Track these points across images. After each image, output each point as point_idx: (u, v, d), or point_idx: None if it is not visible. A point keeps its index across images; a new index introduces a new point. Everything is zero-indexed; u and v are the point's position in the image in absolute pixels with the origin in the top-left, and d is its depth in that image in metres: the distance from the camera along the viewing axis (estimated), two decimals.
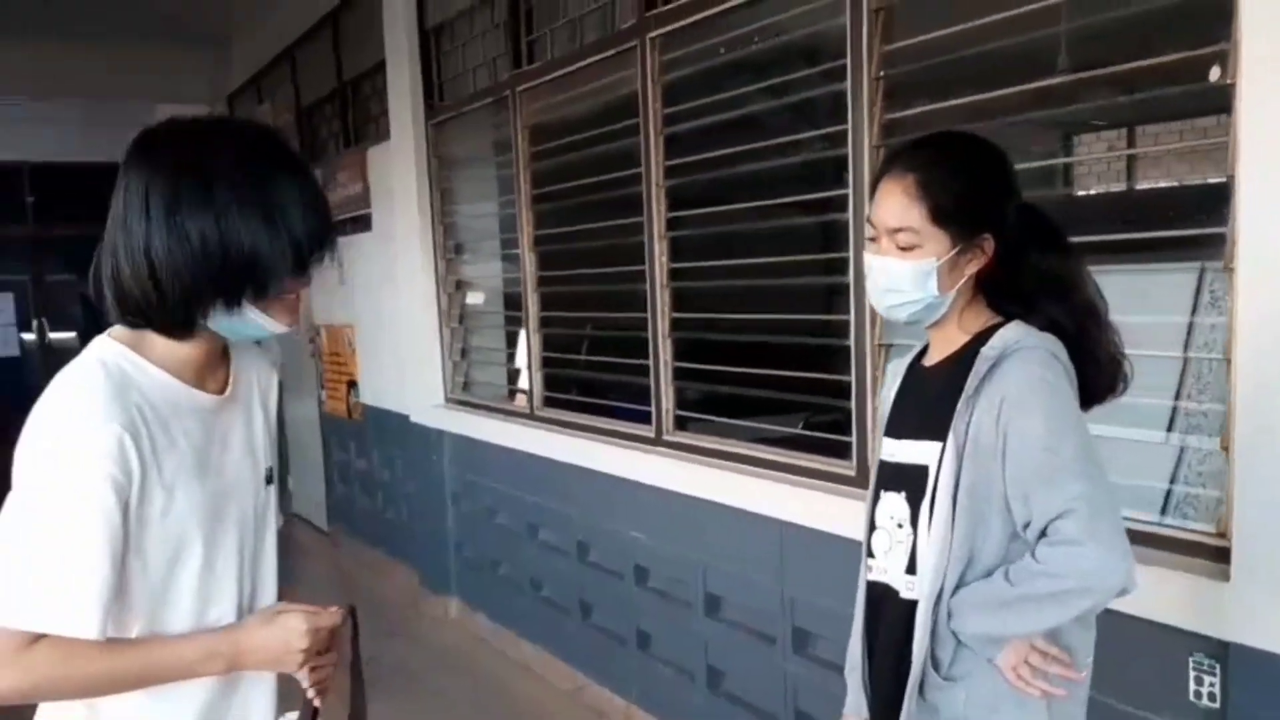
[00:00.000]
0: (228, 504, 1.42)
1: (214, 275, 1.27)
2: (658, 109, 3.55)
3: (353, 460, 6.70)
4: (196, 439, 1.37)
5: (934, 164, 1.64)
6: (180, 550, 1.35)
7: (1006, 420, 1.55)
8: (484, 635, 5.09)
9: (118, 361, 1.31)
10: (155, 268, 1.26)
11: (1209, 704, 2.05)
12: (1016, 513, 1.57)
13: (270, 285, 1.30)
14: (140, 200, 1.26)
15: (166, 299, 1.27)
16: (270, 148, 1.33)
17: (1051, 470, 1.52)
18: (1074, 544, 1.50)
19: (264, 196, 1.27)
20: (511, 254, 4.77)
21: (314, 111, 6.94)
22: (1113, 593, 1.53)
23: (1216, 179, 2.02)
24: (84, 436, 1.25)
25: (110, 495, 1.25)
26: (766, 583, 3.23)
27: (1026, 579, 1.54)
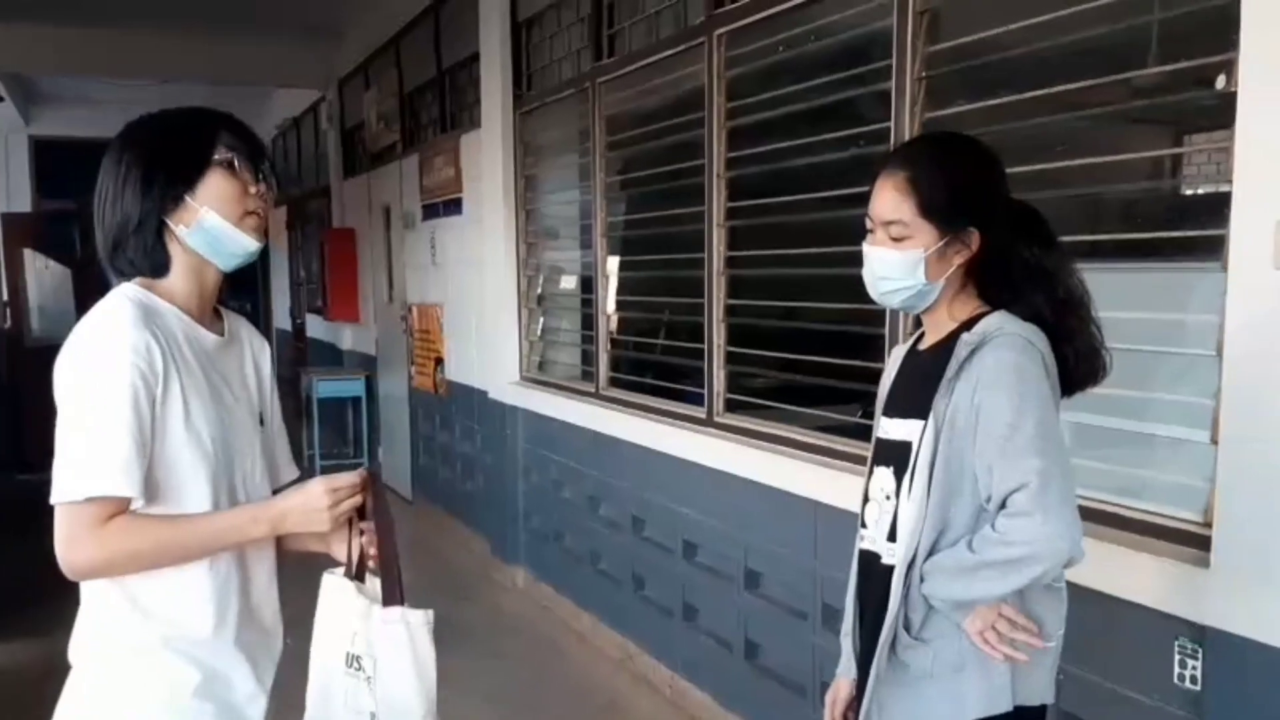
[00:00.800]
0: (233, 431, 1.61)
1: (148, 196, 1.55)
2: (722, 103, 3.71)
3: (437, 433, 7.00)
4: (206, 368, 1.59)
5: (925, 162, 1.78)
6: (198, 459, 1.54)
7: (979, 400, 1.67)
8: (547, 604, 5.31)
9: (136, 294, 1.54)
10: (106, 218, 1.57)
11: (1191, 686, 2.14)
12: (981, 485, 1.68)
13: (184, 180, 1.56)
14: (116, 169, 1.57)
15: (133, 227, 1.56)
16: (204, 114, 1.64)
17: (1011, 446, 1.63)
18: (1026, 515, 1.61)
19: (188, 136, 1.59)
20: (586, 239, 4.97)
21: (415, 97, 7.24)
22: (1060, 561, 1.63)
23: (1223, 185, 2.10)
24: (114, 339, 1.46)
25: (139, 381, 1.45)
26: (801, 560, 3.37)
27: (985, 547, 1.66)
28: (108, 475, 1.44)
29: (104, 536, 1.45)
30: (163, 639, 1.55)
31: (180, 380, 1.51)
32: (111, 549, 1.47)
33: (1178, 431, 2.26)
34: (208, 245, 1.59)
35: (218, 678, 1.58)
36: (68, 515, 1.45)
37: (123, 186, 1.55)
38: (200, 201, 1.56)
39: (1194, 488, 2.20)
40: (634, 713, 4.11)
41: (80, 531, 1.45)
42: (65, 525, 1.46)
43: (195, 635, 1.57)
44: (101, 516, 1.45)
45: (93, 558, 1.47)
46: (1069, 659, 1.82)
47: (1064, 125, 2.55)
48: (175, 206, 1.56)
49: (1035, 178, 2.47)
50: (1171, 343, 2.31)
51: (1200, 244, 2.22)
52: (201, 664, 1.57)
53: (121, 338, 1.46)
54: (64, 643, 1.61)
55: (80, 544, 1.45)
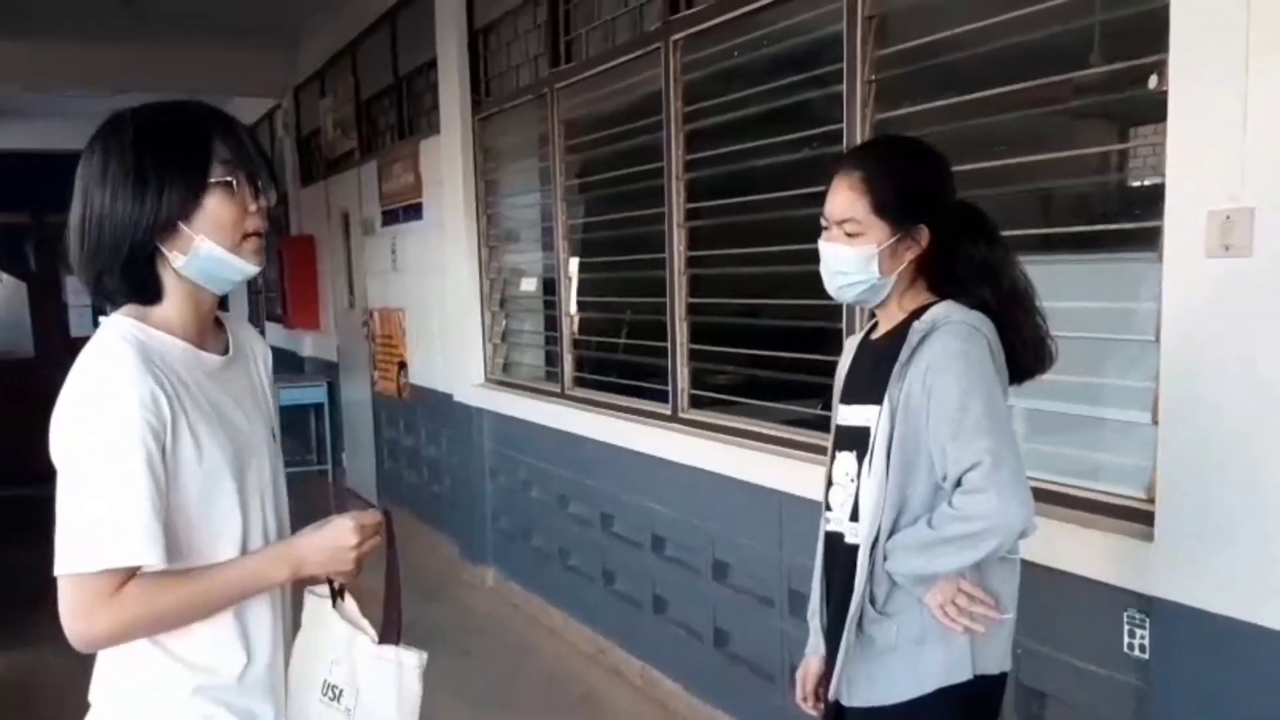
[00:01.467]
0: (248, 455, 1.51)
1: (143, 228, 1.41)
2: (679, 106, 3.80)
3: (401, 437, 7.03)
4: (212, 394, 1.47)
5: (877, 163, 1.88)
6: (215, 496, 1.45)
7: (930, 384, 1.77)
8: (516, 602, 5.38)
9: (131, 332, 1.42)
10: (84, 234, 1.44)
11: (1140, 655, 2.26)
12: (937, 465, 1.78)
13: (182, 212, 1.42)
14: (101, 185, 1.43)
15: (123, 257, 1.43)
16: (171, 106, 1.48)
17: (962, 428, 1.73)
18: (980, 492, 1.72)
19: (153, 142, 1.42)
20: (548, 242, 5.05)
21: (372, 104, 7.27)
22: (1014, 533, 1.74)
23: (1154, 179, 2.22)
24: (118, 393, 1.35)
25: (149, 437, 1.35)
26: (767, 550, 3.47)
27: (943, 523, 1.76)
28: (128, 543, 1.35)
29: (121, 604, 1.36)
30: (194, 687, 1.47)
31: (187, 418, 1.41)
32: (130, 615, 1.38)
33: (1122, 414, 2.38)
34: (204, 274, 1.47)
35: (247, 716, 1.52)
36: (77, 586, 1.35)
37: (110, 204, 1.41)
38: (196, 230, 1.43)
39: (1138, 467, 2.32)
40: (607, 705, 4.19)
41: (93, 602, 1.35)
42: (75, 596, 1.36)
43: (226, 680, 1.49)
44: (115, 584, 1.35)
45: (109, 628, 1.38)
46: (1025, 634, 1.93)
47: (1008, 124, 2.66)
48: (170, 235, 1.43)
49: (982, 175, 2.59)
50: (1115, 331, 2.43)
51: (1139, 235, 2.34)
52: (232, 708, 1.50)
53: (126, 391, 1.36)
54: (28, 656, 1.58)
55: (94, 615, 1.36)
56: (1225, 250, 2.00)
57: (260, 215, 1.48)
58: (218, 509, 1.46)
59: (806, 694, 2.11)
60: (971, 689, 1.80)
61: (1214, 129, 2.02)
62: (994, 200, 2.62)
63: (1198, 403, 2.09)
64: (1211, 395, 2.06)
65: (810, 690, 2.11)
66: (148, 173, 1.41)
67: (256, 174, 1.47)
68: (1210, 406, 2.06)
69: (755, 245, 3.52)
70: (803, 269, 3.44)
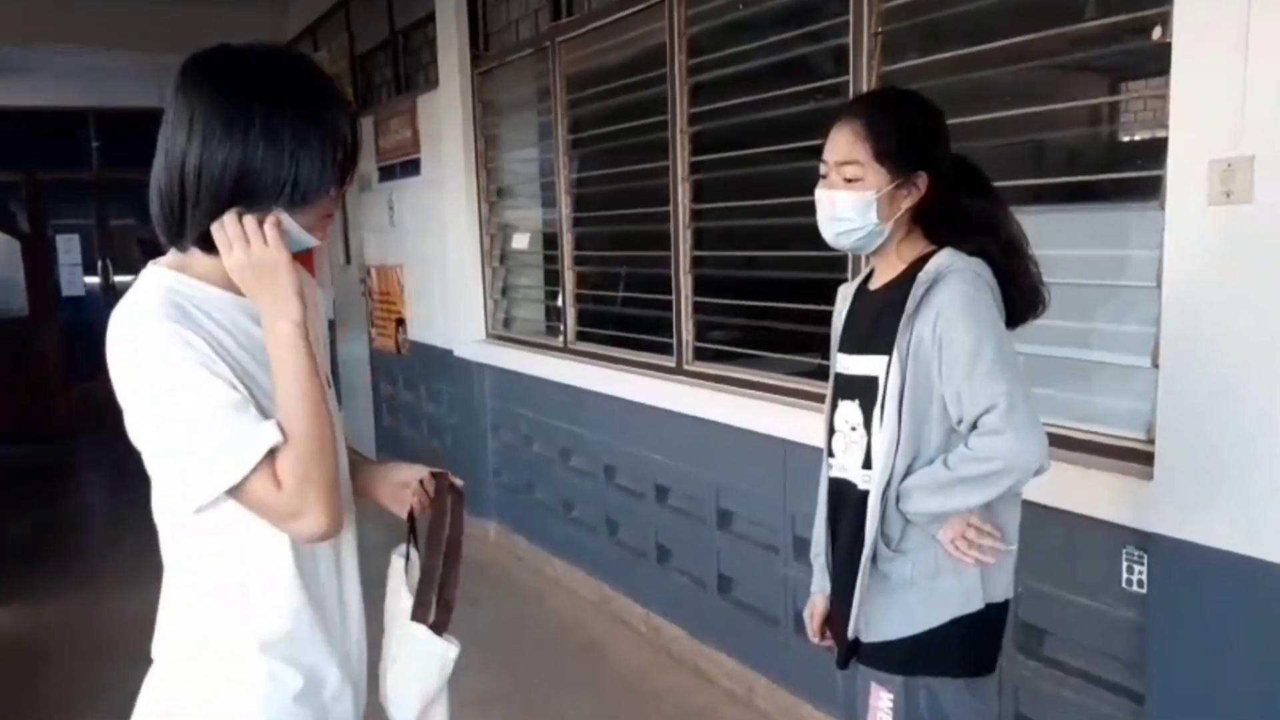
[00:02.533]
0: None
1: (239, 196, 1.36)
2: (683, 60, 3.83)
3: (400, 393, 7.08)
4: (259, 340, 1.42)
5: (878, 110, 1.94)
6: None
7: (940, 331, 1.82)
8: (520, 555, 5.47)
9: (169, 284, 1.40)
10: (185, 185, 1.36)
11: (1138, 590, 2.35)
12: (951, 409, 1.84)
13: (290, 202, 1.38)
14: (185, 123, 1.36)
15: (191, 208, 1.37)
16: (303, 77, 1.41)
17: (976, 372, 1.79)
18: (997, 433, 1.78)
19: (285, 124, 1.35)
20: (549, 197, 5.08)
21: (367, 59, 7.24)
22: (1030, 471, 1.81)
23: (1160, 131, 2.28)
24: (153, 330, 1.34)
25: (204, 358, 1.33)
26: (771, 497, 3.55)
27: (960, 464, 1.82)
28: (248, 439, 1.33)
29: (293, 477, 1.35)
30: (259, 641, 1.45)
31: (231, 358, 1.38)
32: (306, 474, 1.35)
33: (1123, 359, 2.45)
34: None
35: (314, 679, 1.50)
36: (269, 475, 1.34)
37: (234, 154, 1.34)
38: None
39: (1138, 409, 2.40)
40: (612, 651, 4.28)
41: (272, 498, 1.34)
42: (270, 496, 1.34)
43: (292, 635, 1.47)
44: (270, 473, 1.34)
45: (315, 499, 1.35)
46: (1025, 572, 2.01)
47: (1012, 77, 2.71)
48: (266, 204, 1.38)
49: (986, 126, 2.64)
50: (1117, 278, 2.50)
51: (1140, 185, 2.40)
52: (299, 665, 1.48)
53: (157, 327, 1.34)
54: (30, 612, 1.54)
55: (300, 506, 1.35)
56: (1226, 197, 2.06)
57: (335, 201, 1.45)
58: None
59: (814, 630, 2.19)
60: (982, 616, 1.89)
61: (1216, 79, 2.07)
62: (998, 152, 2.69)
63: (1197, 346, 2.16)
64: (1211, 338, 2.13)
65: (817, 627, 2.19)
66: (284, 145, 1.35)
67: (351, 166, 1.44)
68: (1210, 349, 2.13)
69: (760, 198, 3.56)
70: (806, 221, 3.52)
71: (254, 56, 1.40)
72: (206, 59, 1.40)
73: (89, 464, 8.24)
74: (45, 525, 6.41)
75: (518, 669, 4.11)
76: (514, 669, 4.11)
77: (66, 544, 5.82)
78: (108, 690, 3.77)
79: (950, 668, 1.91)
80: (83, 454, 8.40)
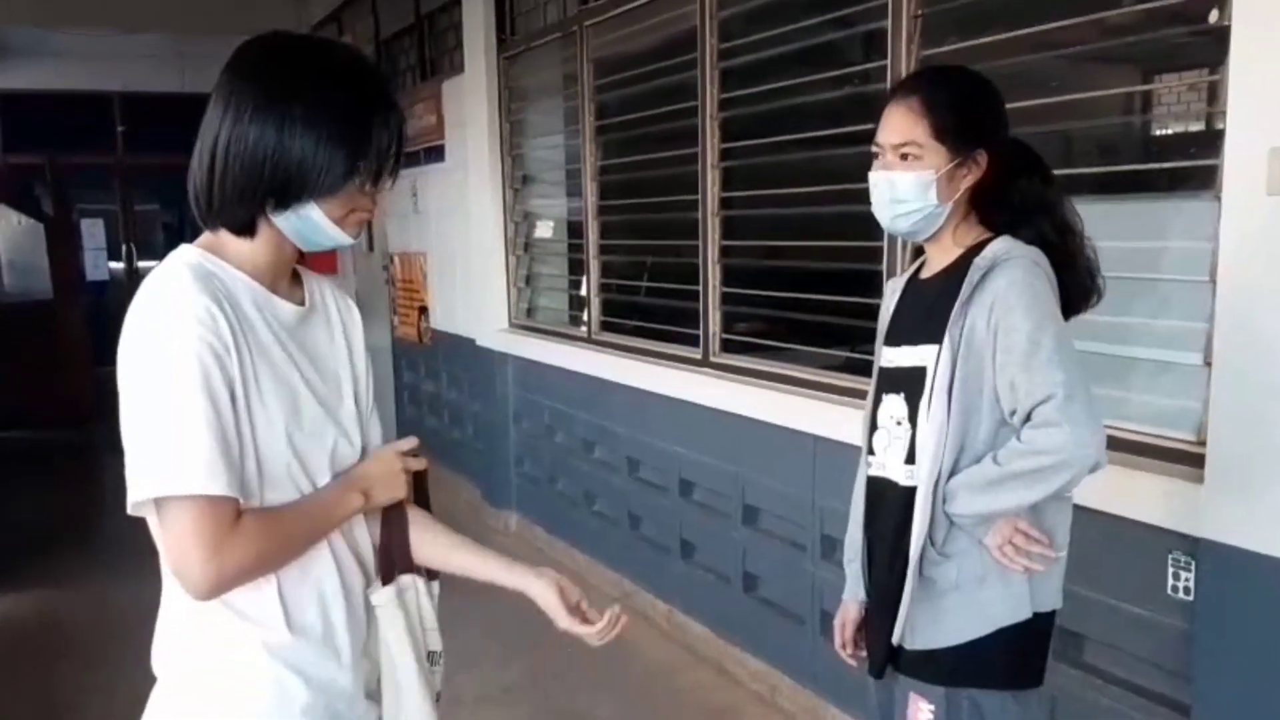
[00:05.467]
0: (310, 412, 1.43)
1: (264, 177, 1.33)
2: (714, 44, 3.75)
3: (422, 382, 7.04)
4: (285, 340, 1.40)
5: (934, 87, 1.85)
6: (272, 441, 1.36)
7: (996, 320, 1.73)
8: (540, 546, 5.41)
9: (198, 261, 1.36)
10: (215, 161, 1.34)
11: (1184, 597, 2.25)
12: (1004, 400, 1.75)
13: (313, 191, 1.34)
14: (224, 101, 1.34)
15: (219, 186, 1.35)
16: (351, 71, 1.38)
17: (1034, 361, 1.70)
18: (1052, 425, 1.69)
19: (322, 115, 1.33)
20: (574, 185, 5.00)
21: (392, 44, 7.19)
22: (1087, 467, 1.71)
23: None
24: (175, 309, 1.28)
25: (209, 357, 1.27)
26: (799, 494, 3.47)
27: (1012, 459, 1.73)
28: (190, 473, 1.26)
29: (246, 535, 1.29)
30: (265, 646, 1.38)
31: (251, 355, 1.34)
32: (259, 545, 1.31)
33: (1173, 355, 2.35)
34: (297, 232, 1.40)
35: (322, 687, 1.44)
36: (199, 514, 1.26)
37: (271, 141, 1.32)
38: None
39: (1188, 409, 2.30)
40: (633, 647, 4.21)
41: (218, 536, 1.27)
42: (200, 526, 1.26)
43: (297, 640, 1.41)
44: (233, 518, 1.28)
45: (241, 560, 1.30)
46: (1067, 577, 1.91)
47: (1053, 62, 2.61)
48: (282, 205, 1.36)
49: (1028, 113, 2.54)
50: (1166, 271, 2.39)
51: (1191, 175, 2.30)
52: (305, 674, 1.41)
53: (181, 309, 1.29)
54: (51, 598, 1.47)
55: (227, 548, 1.28)
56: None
57: (373, 198, 1.42)
58: (272, 456, 1.37)
59: (845, 640, 2.09)
60: (1030, 626, 1.80)
61: (1276, 64, 1.98)
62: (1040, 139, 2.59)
63: (1252, 343, 2.06)
64: (1269, 335, 2.03)
65: (849, 637, 2.09)
66: (319, 138, 1.32)
67: (393, 166, 1.41)
68: (1265, 347, 2.03)
69: (791, 186, 3.48)
70: (838, 210, 3.45)
71: (305, 46, 1.40)
72: (260, 42, 1.39)
73: (111, 447, 8.19)
74: (66, 509, 6.40)
75: (539, 662, 4.04)
76: (535, 662, 4.04)
77: (87, 528, 5.79)
78: (123, 678, 3.75)
79: (995, 679, 1.82)
80: (105, 438, 8.39)
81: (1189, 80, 2.62)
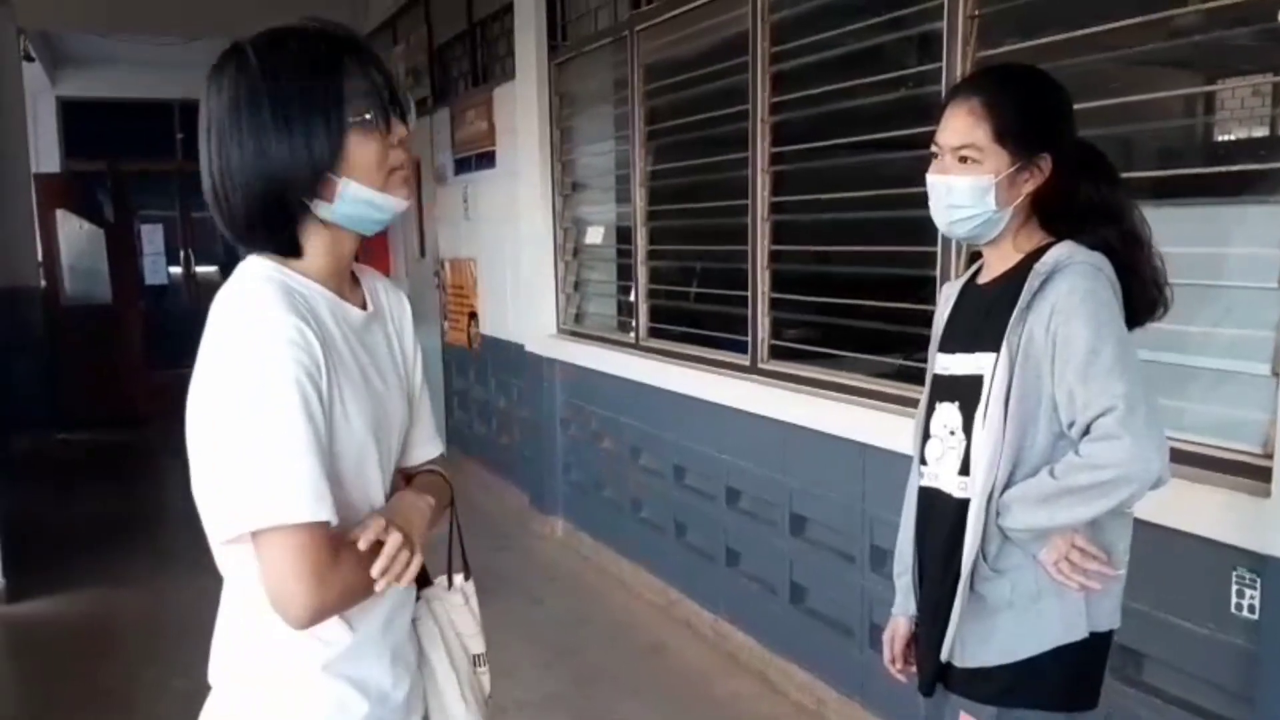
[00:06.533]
0: (384, 419, 1.42)
1: (254, 185, 1.30)
2: (766, 47, 3.71)
3: (471, 388, 7.05)
4: (355, 347, 1.38)
5: (997, 88, 1.78)
6: (363, 458, 1.36)
7: (1055, 328, 1.67)
8: (586, 553, 5.39)
9: (272, 274, 1.32)
10: (215, 184, 1.31)
11: (1248, 615, 2.17)
12: (1063, 411, 1.68)
13: (320, 164, 1.30)
14: (205, 128, 1.32)
15: (232, 210, 1.32)
16: (305, 36, 1.34)
17: (1094, 371, 1.63)
18: (1114, 438, 1.62)
19: (291, 107, 1.29)
20: (624, 190, 4.98)
21: (445, 51, 7.23)
22: (1149, 482, 1.64)
23: None
24: (267, 331, 1.25)
25: (304, 377, 1.24)
26: (848, 503, 3.41)
27: (1070, 473, 1.66)
28: (293, 502, 1.23)
29: (344, 568, 1.26)
30: (322, 662, 1.36)
31: (336, 370, 1.31)
32: (354, 579, 1.28)
33: (1239, 365, 2.27)
34: (351, 218, 1.36)
35: (380, 700, 1.41)
36: (304, 545, 1.23)
37: (247, 154, 1.29)
38: (340, 173, 1.31)
39: (1255, 420, 2.22)
40: (677, 655, 4.18)
41: (325, 565, 1.24)
42: (304, 558, 1.23)
43: (353, 654, 1.38)
44: (335, 551, 1.26)
45: (341, 593, 1.28)
46: (1125, 592, 1.85)
47: (1115, 64, 2.54)
48: (314, 182, 1.31)
49: (1090, 116, 2.47)
50: (1232, 278, 2.32)
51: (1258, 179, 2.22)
52: (363, 687, 1.39)
53: (273, 329, 1.25)
54: (106, 596, 1.45)
55: (329, 579, 1.25)
56: None
57: (401, 146, 1.36)
58: (364, 472, 1.36)
59: (895, 656, 2.03)
60: (1085, 646, 1.73)
61: None
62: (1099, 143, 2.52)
63: None
64: None
65: (899, 652, 2.03)
66: (291, 120, 1.28)
67: (392, 104, 1.35)
68: None
69: (843, 191, 3.42)
70: (891, 215, 3.39)
71: (253, 49, 1.32)
72: (216, 63, 1.34)
73: (167, 449, 8.33)
74: (122, 509, 6.48)
75: (581, 669, 4.03)
76: (577, 669, 4.02)
77: (142, 529, 5.88)
78: (174, 677, 3.80)
79: (1049, 700, 1.75)
80: (161, 440, 8.51)
81: (1255, 82, 2.53)
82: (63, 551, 5.54)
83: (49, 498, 6.80)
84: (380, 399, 1.40)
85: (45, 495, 6.82)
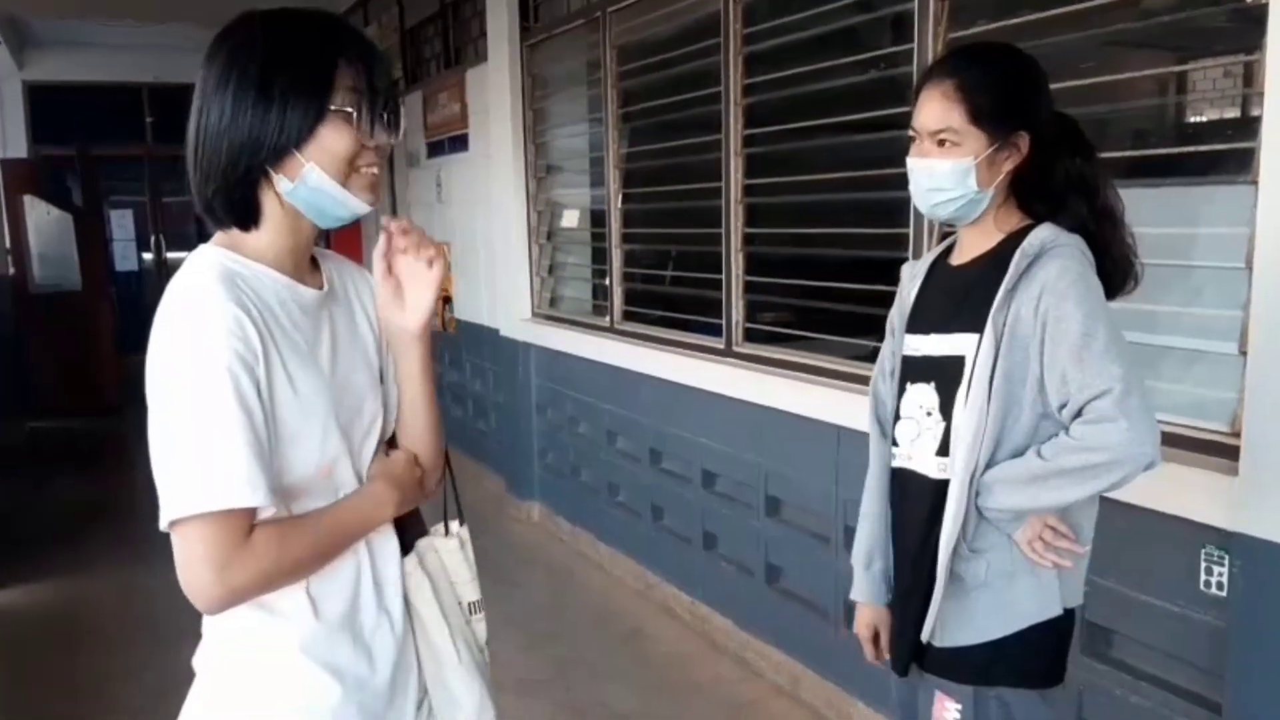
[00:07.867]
0: (343, 396, 1.41)
1: (237, 146, 1.31)
2: (738, 29, 3.69)
3: (446, 372, 7.02)
4: (306, 330, 1.38)
5: (971, 69, 1.77)
6: (308, 436, 1.35)
7: (1045, 310, 1.66)
8: (563, 537, 5.39)
9: (220, 260, 1.34)
10: (194, 153, 1.35)
11: (1217, 593, 2.19)
12: (1053, 393, 1.68)
13: (288, 139, 1.31)
14: (196, 98, 1.35)
15: (209, 178, 1.34)
16: (306, 21, 1.35)
17: (1089, 354, 1.63)
18: (1109, 420, 1.61)
19: (283, 66, 1.31)
20: (597, 173, 4.96)
21: (417, 33, 7.17)
22: (1141, 465, 1.64)
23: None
24: (203, 322, 1.26)
25: (238, 366, 1.25)
26: (823, 485, 3.42)
27: (1061, 454, 1.66)
28: (226, 488, 1.24)
29: (253, 551, 1.26)
30: (298, 645, 1.37)
31: (279, 351, 1.32)
32: (265, 563, 1.28)
33: (1206, 345, 2.28)
34: (309, 205, 1.37)
35: (356, 685, 1.42)
36: (203, 533, 1.24)
37: (229, 119, 1.31)
38: (308, 156, 1.33)
39: (1222, 399, 2.23)
40: (655, 638, 4.18)
41: (229, 550, 1.25)
42: (203, 546, 1.24)
43: (326, 633, 1.39)
44: (246, 531, 1.26)
45: (251, 577, 1.27)
46: (1093, 570, 1.86)
47: (1087, 44, 2.54)
48: (282, 158, 1.33)
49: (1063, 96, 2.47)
50: (1200, 258, 2.33)
51: (1227, 159, 2.23)
52: (338, 673, 1.40)
53: (209, 318, 1.26)
54: (77, 586, 1.48)
55: (230, 565, 1.25)
56: None
57: (376, 154, 1.38)
58: (313, 449, 1.36)
59: (872, 653, 2.05)
60: (1056, 624, 1.75)
61: None
62: None
63: None
64: None
65: (872, 641, 2.04)
66: (274, 90, 1.30)
67: (381, 108, 1.36)
68: None
69: (816, 173, 3.42)
70: (864, 197, 3.39)
71: (260, 14, 1.35)
72: (225, 27, 1.36)
73: (139, 438, 8.27)
74: (93, 497, 6.43)
75: (559, 654, 4.03)
76: (555, 654, 4.03)
77: (114, 516, 5.83)
78: (146, 669, 3.77)
79: (1025, 678, 1.76)
80: (132, 427, 8.43)
81: (1225, 63, 2.54)
82: (34, 541, 5.50)
83: (19, 487, 6.74)
84: (339, 373, 1.42)
85: (15, 485, 6.76)
